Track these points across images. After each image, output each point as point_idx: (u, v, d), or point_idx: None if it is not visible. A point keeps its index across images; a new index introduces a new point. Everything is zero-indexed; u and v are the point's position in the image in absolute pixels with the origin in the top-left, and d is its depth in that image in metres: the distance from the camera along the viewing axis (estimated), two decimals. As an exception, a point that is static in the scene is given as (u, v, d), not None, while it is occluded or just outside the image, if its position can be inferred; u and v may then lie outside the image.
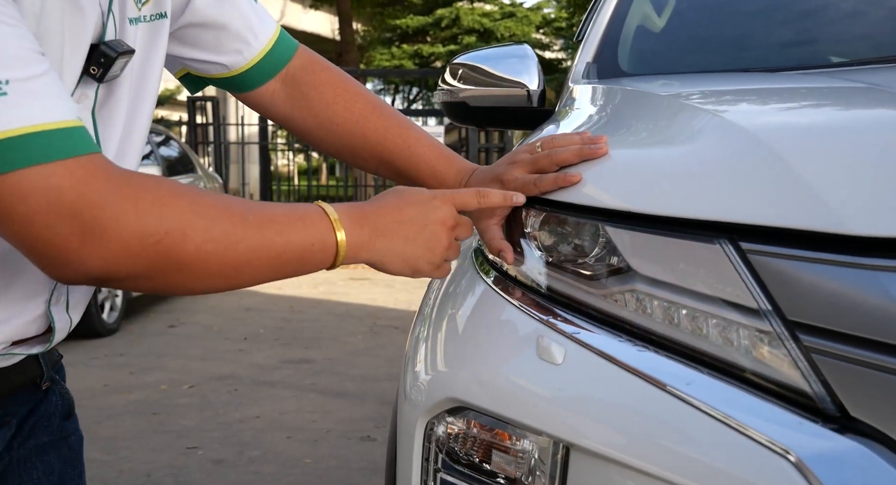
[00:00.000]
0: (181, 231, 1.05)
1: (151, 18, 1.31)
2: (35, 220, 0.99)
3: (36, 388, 1.35)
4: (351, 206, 1.22)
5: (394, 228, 1.23)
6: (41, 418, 1.36)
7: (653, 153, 1.40)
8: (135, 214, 1.03)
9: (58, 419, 1.40)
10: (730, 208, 1.17)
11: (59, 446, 1.39)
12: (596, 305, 1.28)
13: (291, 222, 1.16)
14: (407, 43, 25.24)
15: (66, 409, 1.42)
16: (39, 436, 1.36)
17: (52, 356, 1.39)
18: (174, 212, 1.06)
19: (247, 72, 1.50)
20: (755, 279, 1.11)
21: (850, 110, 1.51)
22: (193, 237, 1.06)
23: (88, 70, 1.17)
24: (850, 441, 1.00)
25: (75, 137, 1.01)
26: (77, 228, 1.00)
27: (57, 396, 1.40)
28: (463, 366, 1.38)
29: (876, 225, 1.06)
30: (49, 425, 1.38)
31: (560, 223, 1.37)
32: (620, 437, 1.14)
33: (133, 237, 1.03)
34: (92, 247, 1.01)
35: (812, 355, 1.06)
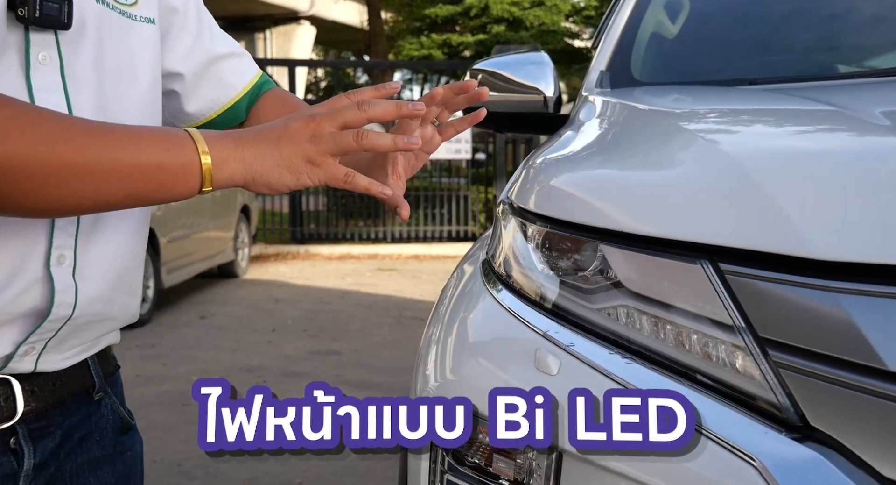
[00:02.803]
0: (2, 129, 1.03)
1: (138, 18, 1.33)
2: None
3: (88, 398, 1.34)
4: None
5: (256, 136, 1.18)
6: (93, 431, 1.35)
7: (646, 175, 1.51)
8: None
9: (111, 434, 1.38)
10: (711, 231, 1.27)
11: (114, 461, 1.38)
12: (591, 319, 1.39)
13: (141, 133, 1.13)
14: (436, 32, 25.23)
15: (119, 423, 1.40)
16: (92, 450, 1.34)
17: (108, 365, 1.39)
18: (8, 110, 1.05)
19: (213, 121, 1.51)
20: (731, 298, 1.21)
21: (819, 135, 1.60)
22: (19, 134, 1.04)
23: (17, 13, 1.14)
24: (808, 449, 1.10)
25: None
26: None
27: (108, 409, 1.38)
28: (468, 375, 1.49)
29: (839, 250, 1.16)
30: (102, 440, 1.36)
31: (560, 240, 1.47)
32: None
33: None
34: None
35: (779, 370, 1.16)
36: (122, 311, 1.34)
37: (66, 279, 1.21)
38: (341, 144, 1.16)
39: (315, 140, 1.16)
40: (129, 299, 1.36)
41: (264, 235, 14.18)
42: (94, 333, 1.32)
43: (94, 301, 1.27)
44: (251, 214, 11.93)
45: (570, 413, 1.06)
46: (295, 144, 1.16)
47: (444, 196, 14.39)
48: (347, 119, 1.17)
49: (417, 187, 15.00)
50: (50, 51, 1.19)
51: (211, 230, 10.10)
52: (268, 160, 1.16)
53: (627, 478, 1.20)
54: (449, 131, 1.38)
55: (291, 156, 1.16)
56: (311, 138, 1.16)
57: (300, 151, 1.16)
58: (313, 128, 1.16)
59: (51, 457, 1.28)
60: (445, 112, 1.36)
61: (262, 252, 13.23)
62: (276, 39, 29.84)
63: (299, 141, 1.16)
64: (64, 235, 1.20)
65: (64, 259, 1.21)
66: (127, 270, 1.33)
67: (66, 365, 1.28)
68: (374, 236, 14.29)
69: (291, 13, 28.54)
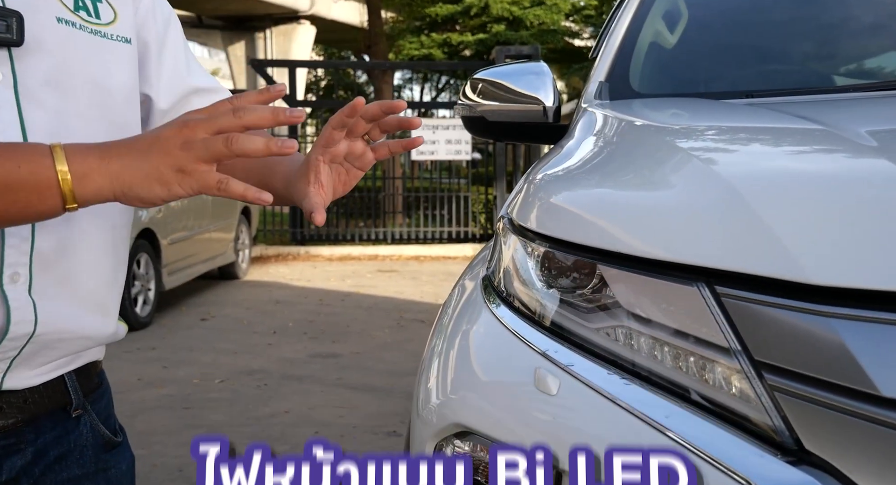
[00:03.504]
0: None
1: (114, 37, 1.33)
2: None
3: (65, 415, 1.32)
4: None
5: (126, 148, 1.12)
6: (72, 449, 1.33)
7: (644, 196, 1.53)
8: None
9: (91, 451, 1.36)
10: (707, 254, 1.29)
11: (97, 479, 1.37)
12: (590, 338, 1.41)
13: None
14: (436, 31, 25.24)
15: (100, 440, 1.38)
16: (72, 468, 1.33)
17: (89, 382, 1.38)
18: None
19: None
20: (727, 321, 1.23)
21: (816, 160, 1.62)
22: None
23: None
24: (803, 473, 1.12)
25: None
26: None
27: (87, 427, 1.36)
28: (468, 394, 1.52)
29: (832, 276, 1.17)
30: (82, 458, 1.35)
31: (560, 259, 1.49)
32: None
33: None
34: None
35: (775, 393, 1.17)
36: (95, 330, 1.33)
37: (22, 297, 1.20)
38: (212, 149, 1.09)
39: (186, 147, 1.09)
40: (102, 319, 1.34)
41: (265, 237, 14.20)
42: (66, 350, 1.30)
43: (59, 319, 1.25)
44: (251, 216, 11.96)
45: (571, 473, 1.07)
46: (165, 153, 1.10)
47: (445, 197, 14.41)
48: (222, 126, 1.10)
49: (417, 188, 15.03)
50: (3, 67, 1.19)
51: (211, 232, 10.11)
52: (136, 172, 1.10)
53: None
54: (382, 151, 1.33)
55: (160, 165, 1.10)
56: (183, 146, 1.10)
57: (170, 160, 1.10)
58: (186, 134, 1.10)
59: (22, 474, 1.27)
60: (376, 130, 1.30)
61: (262, 253, 13.25)
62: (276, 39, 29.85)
63: (170, 149, 1.10)
64: (16, 252, 1.20)
65: (18, 277, 1.20)
66: (98, 289, 1.32)
67: (38, 382, 1.27)
68: (375, 237, 14.31)
69: (291, 12, 28.56)
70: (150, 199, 1.12)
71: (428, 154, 13.84)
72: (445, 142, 13.65)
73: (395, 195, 14.86)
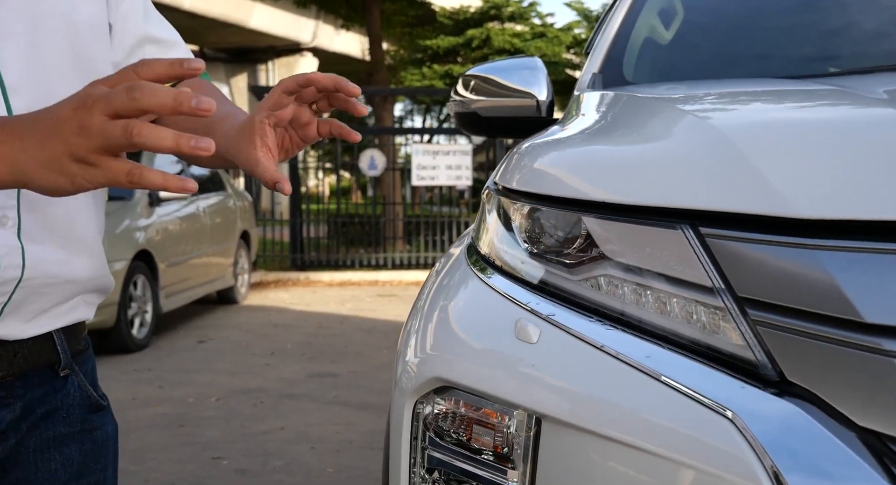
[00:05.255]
0: None
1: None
2: None
3: (53, 373, 1.31)
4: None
5: (22, 128, 0.99)
6: (59, 407, 1.32)
7: (628, 149, 1.51)
8: None
9: (79, 411, 1.35)
10: (690, 196, 1.28)
11: (82, 438, 1.35)
12: (573, 290, 1.39)
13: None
14: (437, 63, 25.40)
15: (87, 400, 1.36)
16: (58, 427, 1.32)
17: (76, 343, 1.36)
18: None
19: None
20: (711, 260, 1.22)
21: (809, 108, 1.62)
22: None
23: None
24: (786, 403, 1.11)
25: None
26: None
27: (75, 387, 1.35)
28: (448, 348, 1.49)
29: (818, 208, 1.16)
30: (69, 417, 1.33)
31: (543, 215, 1.46)
32: (585, 407, 1.24)
33: None
34: None
35: (758, 327, 1.16)
36: (85, 274, 1.30)
37: (11, 241, 1.18)
38: (110, 139, 0.94)
39: (83, 133, 0.95)
40: (90, 261, 1.32)
41: (264, 262, 14.17)
42: (57, 298, 1.28)
43: (46, 262, 1.23)
44: (251, 240, 11.94)
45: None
46: (62, 140, 0.96)
47: (445, 222, 14.40)
48: (117, 107, 0.94)
49: (418, 214, 15.01)
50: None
51: (210, 256, 10.08)
52: (33, 160, 0.98)
53: (606, 438, 1.19)
54: (324, 128, 1.25)
55: (58, 154, 0.96)
56: (80, 131, 0.95)
57: (68, 148, 0.96)
58: (81, 118, 0.94)
59: (11, 428, 1.26)
60: (325, 102, 1.23)
61: (262, 279, 13.21)
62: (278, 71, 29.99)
63: (66, 135, 0.95)
64: (3, 195, 1.17)
65: (7, 220, 1.18)
66: (84, 231, 1.30)
67: (29, 334, 1.26)
68: (375, 263, 14.28)
69: (294, 45, 28.70)
70: (52, 190, 1.00)
71: (428, 179, 13.82)
72: (446, 168, 13.65)
73: (396, 221, 14.85)
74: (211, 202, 10.51)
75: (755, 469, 1.07)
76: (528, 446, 1.29)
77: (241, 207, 11.64)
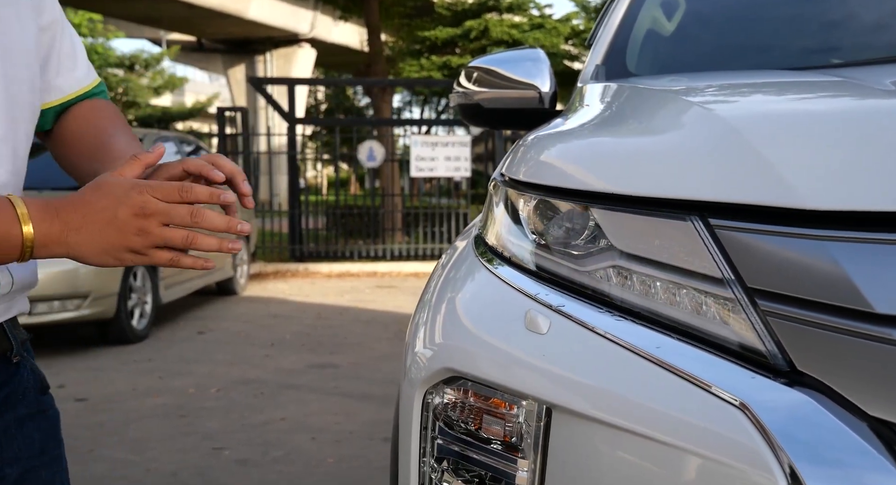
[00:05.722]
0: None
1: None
2: None
3: (6, 360, 1.40)
4: (42, 200, 1.21)
5: (85, 222, 1.19)
6: (16, 390, 1.41)
7: (636, 141, 1.51)
8: None
9: (33, 393, 1.45)
10: (699, 187, 1.28)
11: (38, 418, 1.45)
12: (581, 282, 1.40)
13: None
14: (436, 54, 25.37)
15: (38, 384, 1.47)
16: (18, 409, 1.41)
17: (20, 333, 1.45)
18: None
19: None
20: (721, 251, 1.22)
21: (817, 99, 1.63)
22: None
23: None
24: (796, 392, 1.11)
25: None
26: None
27: (28, 371, 1.44)
28: (458, 338, 1.50)
29: (825, 199, 1.17)
30: (25, 399, 1.43)
31: (551, 207, 1.47)
32: (596, 397, 1.25)
33: None
34: None
35: (768, 318, 1.17)
36: (36, 276, 1.42)
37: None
38: (170, 243, 1.19)
39: (142, 234, 1.18)
40: (37, 266, 1.44)
41: (263, 254, 14.18)
42: (18, 299, 1.40)
43: (25, 273, 1.36)
44: (250, 232, 11.92)
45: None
46: (121, 236, 1.18)
47: (444, 214, 14.41)
48: (177, 222, 1.19)
49: (417, 205, 15.01)
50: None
51: (209, 247, 10.06)
52: (91, 247, 1.19)
53: (616, 428, 1.20)
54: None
55: (116, 245, 1.18)
56: (139, 233, 1.18)
57: (126, 243, 1.18)
58: (142, 224, 1.17)
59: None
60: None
61: (261, 270, 13.22)
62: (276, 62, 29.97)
63: (126, 233, 1.18)
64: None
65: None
66: None
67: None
68: (374, 254, 14.29)
69: (292, 36, 28.68)
70: (99, 265, 1.22)
71: (427, 171, 13.82)
72: (444, 159, 13.65)
73: (395, 212, 14.86)
74: (210, 193, 10.49)
75: (767, 459, 1.07)
76: (539, 435, 1.30)
77: (240, 198, 11.62)
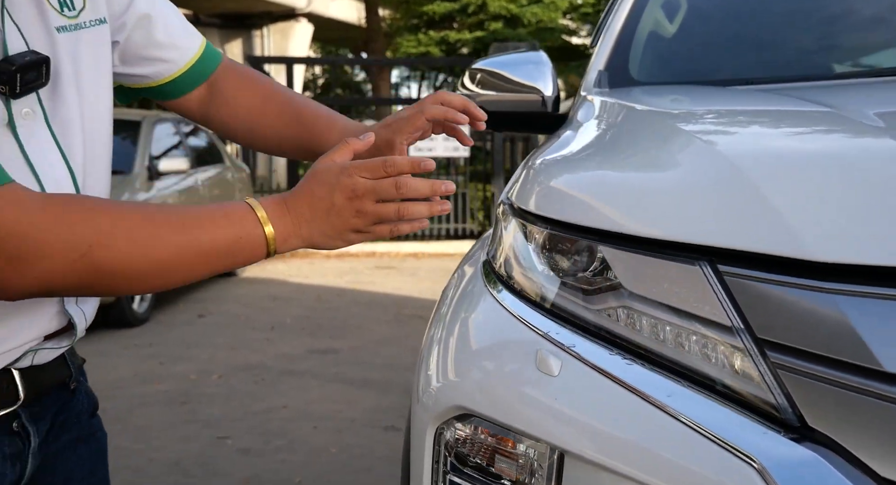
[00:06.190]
0: (104, 243, 1.17)
1: (90, 24, 1.40)
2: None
3: (65, 387, 1.47)
4: (274, 199, 1.31)
5: (310, 212, 1.30)
6: (71, 415, 1.48)
7: (644, 177, 1.52)
8: (56, 235, 1.15)
9: (86, 417, 1.53)
10: (709, 233, 1.28)
11: (89, 441, 1.52)
12: (591, 320, 1.40)
13: (216, 221, 1.26)
14: (433, 29, 25.20)
15: (91, 407, 1.55)
16: (71, 432, 1.48)
17: (77, 360, 1.52)
18: (94, 226, 1.17)
19: (174, 81, 1.60)
20: (730, 299, 1.23)
21: (812, 136, 1.62)
22: (118, 246, 1.18)
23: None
24: (807, 450, 1.12)
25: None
26: (4, 259, 1.13)
27: (83, 394, 1.53)
28: (469, 375, 1.51)
29: (834, 252, 1.17)
30: (78, 422, 1.50)
31: (561, 241, 1.48)
32: (608, 444, 1.26)
33: (59, 256, 1.15)
34: (23, 272, 1.14)
35: (778, 370, 1.17)
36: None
37: (74, 309, 1.39)
38: (384, 216, 1.30)
39: (360, 215, 1.30)
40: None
41: (262, 233, 14.16)
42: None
43: (90, 315, 1.44)
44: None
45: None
46: (343, 220, 1.30)
47: (442, 194, 14.37)
48: (385, 197, 1.30)
49: (415, 185, 14.93)
50: (30, 103, 1.28)
51: (209, 228, 10.06)
52: (321, 235, 1.31)
53: (629, 478, 1.21)
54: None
55: (340, 229, 1.31)
56: (357, 214, 1.30)
57: (348, 225, 1.30)
58: (357, 205, 1.29)
59: (46, 438, 1.42)
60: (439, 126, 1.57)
61: (260, 250, 13.21)
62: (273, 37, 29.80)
63: (346, 217, 1.30)
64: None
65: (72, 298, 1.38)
66: None
67: (51, 358, 1.40)
68: (372, 234, 14.25)
69: (289, 10, 28.49)
70: (332, 248, 1.35)
71: (426, 151, 13.80)
72: (443, 139, 13.62)
73: (393, 192, 14.80)
74: (209, 175, 10.51)
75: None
76: (551, 478, 1.31)
77: (240, 178, 11.64)
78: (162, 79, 1.59)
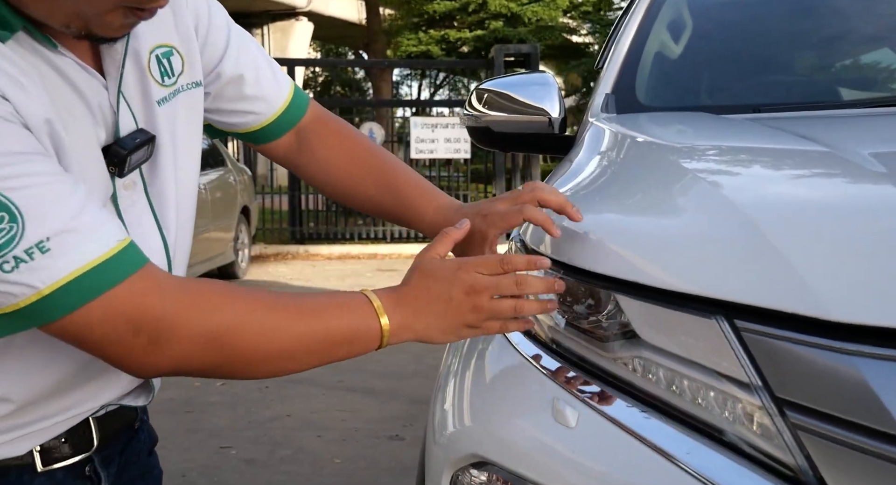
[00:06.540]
0: (237, 329, 1.21)
1: (187, 87, 1.44)
2: (105, 341, 1.16)
3: (130, 428, 1.52)
4: (387, 291, 1.34)
5: (426, 307, 1.32)
6: (132, 454, 1.54)
7: (659, 224, 1.52)
8: (193, 319, 1.19)
9: (144, 455, 1.58)
10: (725, 287, 1.27)
11: (146, 478, 1.58)
12: (608, 369, 1.41)
13: (336, 310, 1.29)
14: (434, 28, 25.23)
15: (151, 444, 1.61)
16: (131, 470, 1.53)
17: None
18: (229, 313, 1.22)
19: (262, 130, 1.64)
20: (747, 356, 1.21)
21: (825, 186, 1.62)
22: (249, 333, 1.22)
23: (108, 169, 1.30)
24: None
25: (125, 259, 1.16)
26: (143, 341, 1.17)
27: (145, 433, 1.59)
28: (485, 424, 1.52)
29: (853, 313, 1.16)
30: (138, 461, 1.56)
31: (575, 286, 1.49)
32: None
33: (194, 340, 1.19)
34: (159, 353, 1.18)
35: (797, 431, 1.16)
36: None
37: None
38: (500, 314, 1.34)
39: (476, 310, 1.32)
40: None
41: (264, 235, 14.18)
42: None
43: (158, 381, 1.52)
44: (251, 215, 11.93)
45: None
46: (459, 316, 1.32)
47: (444, 195, 14.38)
48: (505, 292, 1.33)
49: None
50: (134, 177, 1.34)
51: (211, 232, 10.09)
52: (434, 330, 1.34)
53: None
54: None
55: (455, 324, 1.33)
56: (473, 309, 1.32)
57: (464, 320, 1.33)
58: (475, 301, 1.32)
59: (114, 478, 1.48)
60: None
61: (261, 252, 13.23)
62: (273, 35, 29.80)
63: (463, 313, 1.32)
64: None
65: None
66: None
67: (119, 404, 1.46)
68: (374, 236, 14.29)
69: (289, 9, 28.50)
70: (443, 343, 1.38)
71: (427, 152, 13.82)
72: (444, 140, 13.65)
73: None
74: (211, 178, 10.51)
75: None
76: None
77: (241, 181, 11.63)
78: (249, 128, 1.63)
